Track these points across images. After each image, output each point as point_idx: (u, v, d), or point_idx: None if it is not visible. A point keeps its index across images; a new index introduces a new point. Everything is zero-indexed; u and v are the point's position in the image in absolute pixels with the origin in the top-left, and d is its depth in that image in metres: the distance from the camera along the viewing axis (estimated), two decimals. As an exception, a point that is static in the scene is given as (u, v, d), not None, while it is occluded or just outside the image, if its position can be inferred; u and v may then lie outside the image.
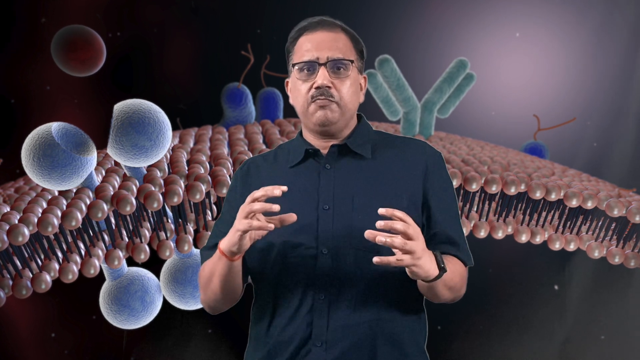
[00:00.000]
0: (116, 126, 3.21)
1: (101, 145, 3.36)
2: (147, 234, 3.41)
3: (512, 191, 3.63)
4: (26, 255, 3.24)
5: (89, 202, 3.24)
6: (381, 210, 1.91)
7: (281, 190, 1.94)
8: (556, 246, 3.80)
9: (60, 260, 3.28)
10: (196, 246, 3.47)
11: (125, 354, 5.09)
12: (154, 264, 3.56)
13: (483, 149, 4.34)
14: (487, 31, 5.45)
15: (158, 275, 3.63)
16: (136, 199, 3.29)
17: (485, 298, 5.28)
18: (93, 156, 3.29)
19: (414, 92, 4.38)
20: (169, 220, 3.44)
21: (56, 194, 3.43)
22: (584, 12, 5.47)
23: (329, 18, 2.19)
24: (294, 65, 2.15)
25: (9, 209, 3.34)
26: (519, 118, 5.15)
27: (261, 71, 4.48)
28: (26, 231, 3.10)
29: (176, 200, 3.30)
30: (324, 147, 2.16)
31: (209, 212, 3.49)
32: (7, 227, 3.10)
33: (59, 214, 3.17)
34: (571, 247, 3.80)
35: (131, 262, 3.46)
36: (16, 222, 3.15)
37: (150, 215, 3.42)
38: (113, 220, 3.35)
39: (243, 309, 2.33)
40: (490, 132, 5.13)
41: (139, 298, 3.53)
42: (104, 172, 3.63)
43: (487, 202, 3.76)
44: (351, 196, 1.96)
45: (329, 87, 2.10)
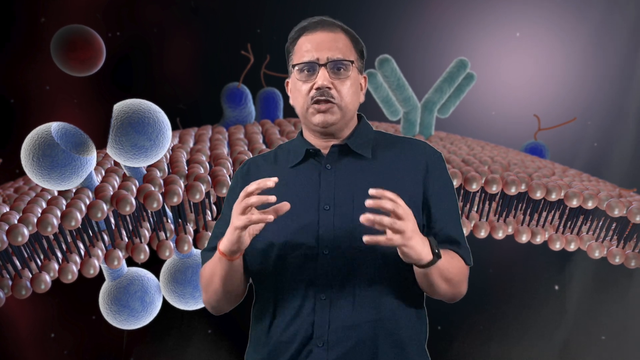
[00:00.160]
0: (116, 126, 3.21)
1: (101, 145, 3.36)
2: (146, 234, 3.40)
3: (513, 191, 3.62)
4: (26, 256, 3.23)
5: (88, 202, 3.24)
6: (372, 191, 1.91)
7: (274, 182, 1.93)
8: (556, 246, 3.79)
9: (60, 261, 3.27)
10: (196, 246, 3.46)
11: (125, 354, 5.08)
12: (154, 264, 3.55)
13: (483, 149, 4.33)
14: (487, 31, 5.45)
15: (158, 276, 3.62)
16: (136, 199, 3.28)
17: (486, 298, 5.27)
18: (93, 156, 3.29)
19: (414, 92, 4.37)
20: (169, 221, 3.44)
21: (56, 194, 3.42)
22: (584, 12, 5.46)
23: (329, 18, 2.18)
24: (294, 65, 2.14)
25: (8, 209, 3.33)
26: (520, 118, 5.14)
27: (261, 71, 4.48)
28: (26, 231, 3.10)
29: (176, 200, 3.30)
30: (325, 147, 2.16)
31: (208, 212, 3.48)
32: (7, 227, 3.09)
33: (59, 214, 3.17)
34: (572, 247, 3.80)
35: (131, 262, 3.45)
36: (16, 222, 3.14)
37: (150, 215, 3.41)
38: (113, 221, 3.34)
39: (243, 310, 2.33)
40: (490, 132, 5.12)
41: (138, 298, 3.52)
42: (103, 172, 3.62)
43: (488, 202, 3.75)
44: (352, 196, 1.96)
45: (329, 87, 2.10)
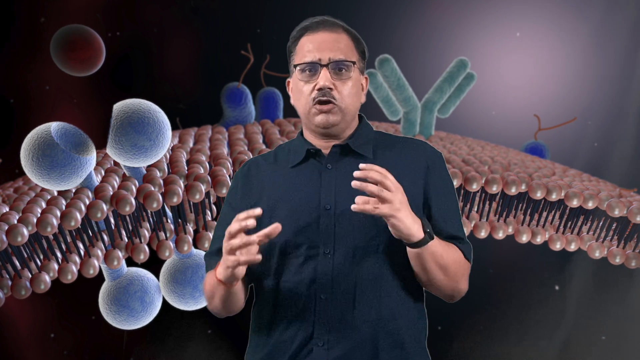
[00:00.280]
0: (115, 126, 3.20)
1: (100, 145, 3.35)
2: (146, 234, 3.40)
3: (513, 191, 3.62)
4: (25, 256, 3.23)
5: (88, 202, 3.23)
6: (362, 165, 1.95)
7: (255, 215, 1.94)
8: (557, 246, 3.79)
9: (60, 261, 3.27)
10: (196, 246, 3.46)
11: (125, 354, 5.08)
12: (154, 264, 3.55)
13: (484, 149, 4.33)
14: (487, 31, 5.44)
15: (157, 276, 3.62)
16: (135, 199, 3.28)
17: (486, 298, 5.27)
18: (92, 156, 3.28)
19: (414, 92, 4.37)
20: (169, 221, 3.43)
21: (55, 194, 3.42)
22: (584, 12, 5.46)
23: (331, 18, 2.18)
24: (295, 66, 2.14)
25: (8, 209, 3.33)
26: (520, 118, 5.14)
27: (261, 71, 4.47)
28: (25, 231, 3.09)
29: (176, 200, 3.29)
30: (325, 147, 2.16)
31: (208, 212, 3.48)
32: (6, 227, 3.09)
33: (58, 214, 3.16)
34: (572, 247, 3.79)
35: (130, 262, 3.45)
36: (15, 222, 3.14)
37: (149, 215, 3.41)
38: (112, 221, 3.34)
39: (243, 309, 2.32)
40: (490, 132, 5.12)
41: (138, 298, 3.52)
42: (103, 172, 3.62)
43: (488, 202, 3.75)
44: (353, 196, 1.96)
45: (330, 88, 2.10)
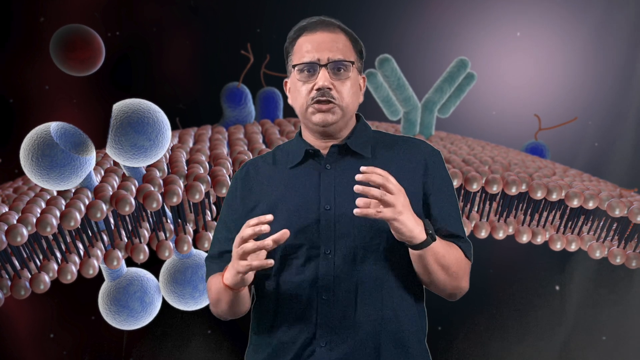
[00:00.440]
0: (115, 126, 3.20)
1: (100, 145, 3.35)
2: (146, 234, 3.40)
3: (513, 191, 3.61)
4: (25, 256, 3.22)
5: (87, 202, 3.23)
6: (363, 168, 1.95)
7: (267, 221, 1.95)
8: (557, 246, 3.78)
9: (59, 261, 3.26)
10: (196, 247, 3.45)
11: (125, 354, 5.07)
12: (153, 264, 3.54)
13: (484, 149, 4.32)
14: (487, 30, 5.44)
15: (157, 276, 3.61)
16: (135, 199, 3.27)
17: (486, 298, 5.27)
18: (92, 156, 3.28)
19: (414, 92, 4.36)
20: (168, 221, 3.43)
21: (55, 194, 3.42)
22: (584, 11, 5.46)
23: (328, 18, 2.18)
24: (294, 66, 2.14)
25: (7, 209, 3.33)
26: (520, 118, 5.13)
27: (261, 71, 4.47)
28: (25, 231, 3.09)
29: (175, 201, 3.29)
30: (324, 147, 2.16)
31: (208, 213, 3.47)
32: (6, 228, 3.08)
33: (58, 214, 3.16)
34: (572, 247, 3.78)
35: (130, 262, 3.44)
36: (15, 222, 3.13)
37: (149, 215, 3.40)
38: (112, 221, 3.33)
39: (243, 310, 2.32)
40: (491, 132, 5.12)
41: (138, 299, 3.51)
42: (102, 172, 3.61)
43: (488, 202, 3.74)
44: (352, 196, 1.96)
45: (329, 88, 2.10)
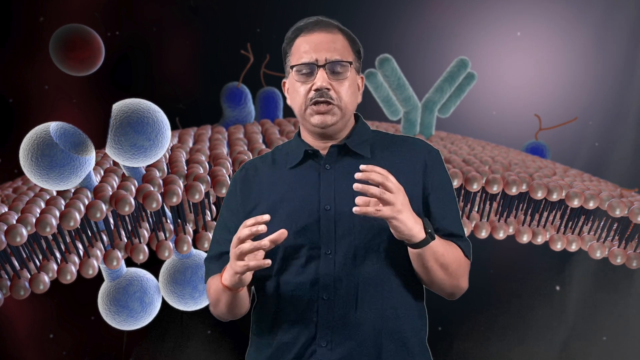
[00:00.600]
0: (115, 126, 3.19)
1: (100, 145, 3.34)
2: (145, 234, 3.39)
3: (514, 191, 3.61)
4: (24, 256, 3.22)
5: (87, 203, 3.23)
6: (362, 166, 1.95)
7: (264, 221, 1.95)
8: (558, 247, 3.77)
9: (59, 261, 3.26)
10: (195, 247, 3.45)
11: (125, 355, 5.07)
12: (153, 264, 3.54)
13: (484, 149, 4.32)
14: (488, 30, 5.44)
15: (157, 276, 3.61)
16: (135, 199, 3.27)
17: (486, 299, 5.27)
18: (91, 156, 3.27)
19: (414, 92, 4.36)
20: (168, 221, 3.43)
21: (54, 194, 3.41)
22: (585, 11, 5.45)
23: (326, 18, 2.18)
24: (292, 67, 2.14)
25: (7, 209, 3.32)
26: (520, 118, 5.13)
27: (261, 70, 4.46)
28: (24, 231, 3.09)
29: (175, 201, 3.28)
30: (323, 147, 2.16)
31: (208, 213, 3.47)
32: (5, 228, 3.08)
33: (57, 214, 3.16)
34: (573, 247, 3.78)
35: (130, 262, 3.44)
36: (14, 222, 3.13)
37: (149, 215, 3.40)
38: (112, 221, 3.33)
39: (243, 310, 2.32)
40: (491, 132, 5.11)
41: (137, 299, 3.51)
42: (102, 172, 3.61)
43: (489, 202, 3.74)
44: (352, 196, 1.96)
45: (328, 89, 2.10)
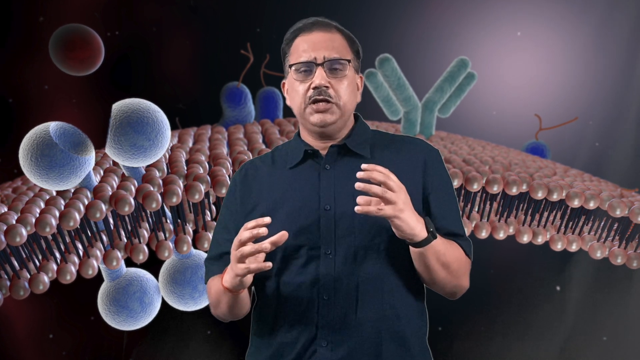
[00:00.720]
0: (114, 126, 3.19)
1: (99, 145, 3.34)
2: (145, 234, 3.39)
3: (514, 191, 3.60)
4: (24, 256, 3.22)
5: (87, 203, 3.22)
6: (364, 165, 1.95)
7: (265, 224, 1.95)
8: (558, 247, 3.77)
9: (58, 261, 3.26)
10: (195, 247, 3.45)
11: (125, 355, 5.07)
12: (153, 264, 3.54)
13: (484, 149, 4.32)
14: (488, 30, 5.43)
15: (157, 276, 3.61)
16: (135, 199, 3.27)
17: (487, 299, 5.26)
18: (91, 156, 3.27)
19: (414, 92, 4.36)
20: (168, 221, 3.42)
21: (54, 194, 3.41)
22: (585, 11, 5.45)
23: (324, 19, 2.19)
24: (290, 66, 2.15)
25: (6, 209, 3.32)
26: (521, 117, 5.13)
27: (261, 70, 4.46)
28: (24, 231, 3.08)
29: (175, 201, 3.28)
30: (323, 147, 2.16)
31: (208, 213, 3.47)
32: (5, 228, 3.08)
33: (57, 214, 3.15)
34: (573, 247, 3.78)
35: (130, 262, 3.44)
36: (14, 222, 3.13)
37: (149, 215, 3.40)
38: (111, 221, 3.33)
39: (243, 310, 2.32)
40: (491, 132, 5.11)
41: (137, 299, 3.51)
42: (102, 172, 3.61)
43: (489, 203, 3.73)
44: (352, 196, 1.96)
45: (326, 87, 2.10)
